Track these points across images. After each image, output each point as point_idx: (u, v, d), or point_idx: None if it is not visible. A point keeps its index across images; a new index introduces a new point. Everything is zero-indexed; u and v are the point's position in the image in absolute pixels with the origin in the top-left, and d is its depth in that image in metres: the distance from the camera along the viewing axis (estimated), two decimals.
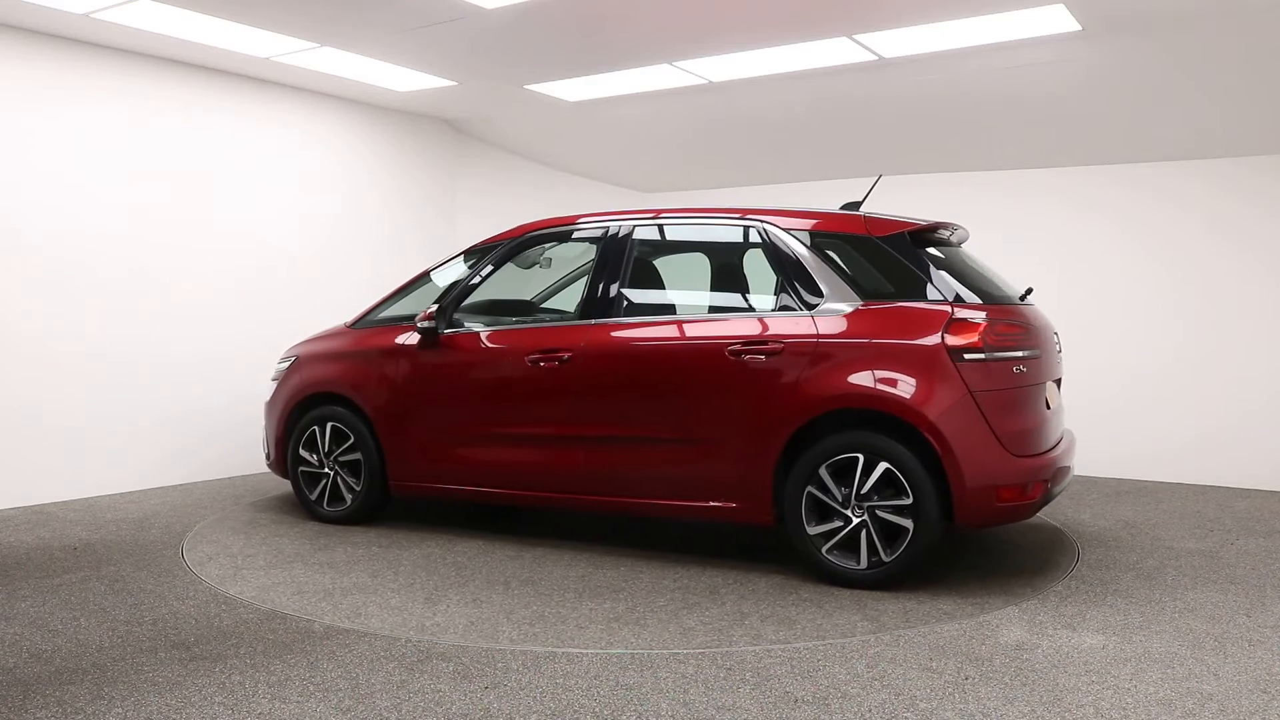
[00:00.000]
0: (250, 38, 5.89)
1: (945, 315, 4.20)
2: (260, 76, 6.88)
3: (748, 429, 4.42)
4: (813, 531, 4.30)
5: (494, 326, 5.21)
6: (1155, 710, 2.99)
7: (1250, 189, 6.61)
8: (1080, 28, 5.18)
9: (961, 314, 4.21)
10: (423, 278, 5.64)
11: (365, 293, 7.26)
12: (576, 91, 6.92)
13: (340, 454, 5.52)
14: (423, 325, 5.23)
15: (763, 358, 4.41)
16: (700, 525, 5.35)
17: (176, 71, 6.50)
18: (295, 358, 5.80)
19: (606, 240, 5.02)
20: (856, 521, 4.23)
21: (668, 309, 4.97)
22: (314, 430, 5.58)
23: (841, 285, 4.43)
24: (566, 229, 5.25)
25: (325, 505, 5.59)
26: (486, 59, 6.23)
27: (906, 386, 4.14)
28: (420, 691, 3.13)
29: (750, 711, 2.99)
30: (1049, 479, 4.28)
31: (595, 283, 4.95)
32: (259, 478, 6.89)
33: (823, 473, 4.26)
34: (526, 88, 6.86)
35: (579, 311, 4.98)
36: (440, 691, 3.13)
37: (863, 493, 4.21)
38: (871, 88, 6.38)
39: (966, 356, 4.12)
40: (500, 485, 5.08)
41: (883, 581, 4.22)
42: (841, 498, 4.25)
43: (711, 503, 4.54)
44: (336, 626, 3.75)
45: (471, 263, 5.41)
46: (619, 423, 4.74)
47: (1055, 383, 4.79)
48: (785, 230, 4.63)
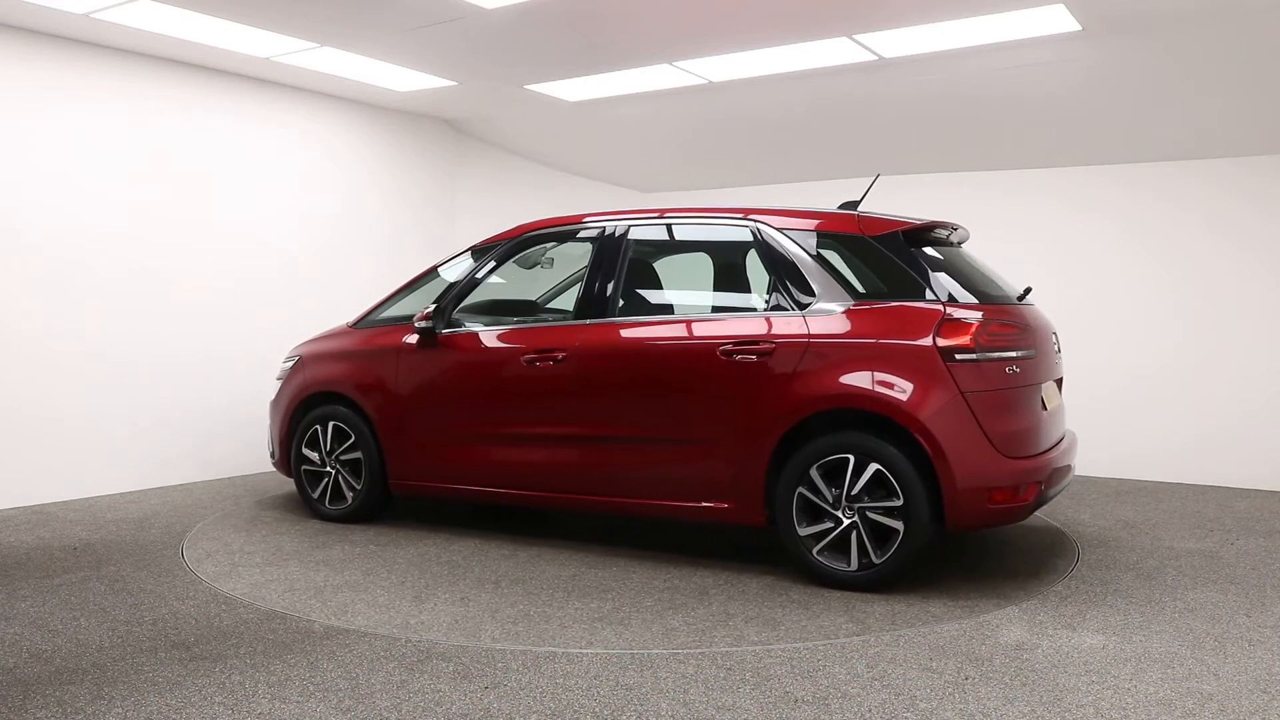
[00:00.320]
0: (250, 38, 5.89)
1: (937, 315, 4.17)
2: (260, 76, 6.88)
3: (739, 429, 4.40)
4: (803, 532, 4.28)
5: (491, 326, 5.21)
6: (1155, 710, 2.99)
7: (1250, 189, 6.61)
8: (1080, 28, 5.18)
9: (954, 314, 4.17)
10: (426, 275, 5.65)
11: (365, 293, 7.27)
12: (576, 91, 6.92)
13: (341, 453, 5.55)
14: (420, 325, 5.25)
15: (754, 358, 4.39)
16: (697, 526, 5.35)
17: (176, 71, 6.50)
18: (299, 357, 5.84)
19: (602, 240, 5.01)
20: (847, 523, 4.21)
21: (662, 309, 4.97)
22: (316, 429, 5.62)
23: (834, 285, 4.40)
24: (563, 229, 5.24)
25: (327, 504, 5.62)
26: (486, 59, 6.23)
27: (897, 387, 4.11)
28: (420, 691, 3.13)
29: (750, 711, 2.99)
30: (1043, 481, 4.22)
31: (590, 283, 4.95)
32: (259, 478, 6.89)
33: (813, 473, 4.24)
34: (526, 88, 6.86)
35: (575, 311, 4.98)
36: (440, 691, 3.13)
37: (853, 494, 4.18)
38: (871, 88, 6.38)
39: (958, 357, 4.09)
40: (496, 485, 5.09)
41: (873, 583, 4.19)
42: (832, 499, 4.22)
43: (704, 503, 4.53)
44: (336, 626, 3.75)
45: (478, 260, 5.43)
46: (613, 423, 4.73)
47: (1056, 383, 4.79)
48: (778, 230, 4.61)
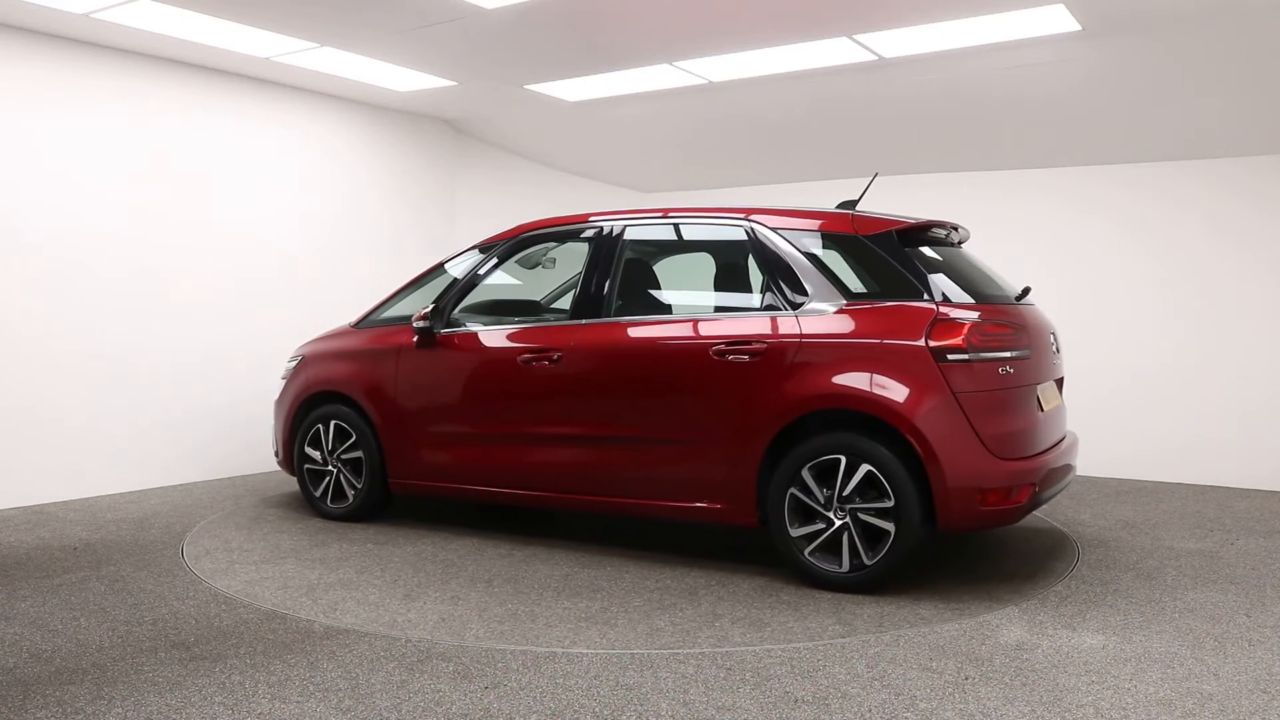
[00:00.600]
0: (250, 38, 5.89)
1: (929, 315, 4.13)
2: (260, 76, 6.88)
3: (732, 430, 4.39)
4: (795, 533, 4.26)
5: (489, 326, 5.22)
6: (1155, 710, 2.99)
7: (1250, 189, 6.61)
8: (1080, 28, 5.18)
9: (946, 314, 4.12)
10: (432, 272, 5.63)
11: (365, 292, 7.26)
12: (576, 91, 6.92)
13: (343, 452, 5.57)
14: (418, 325, 5.28)
15: (746, 358, 4.37)
16: (694, 526, 5.34)
17: (176, 71, 6.50)
18: (302, 357, 5.88)
19: (598, 240, 5.01)
20: (839, 524, 4.18)
21: (656, 308, 4.97)
22: (318, 428, 5.65)
23: (826, 285, 4.36)
24: (560, 229, 5.24)
25: (329, 502, 5.65)
26: (486, 59, 6.23)
27: (888, 387, 4.08)
28: (420, 691, 3.13)
29: (750, 711, 2.99)
30: (1037, 483, 4.16)
31: (586, 283, 4.94)
32: (259, 477, 6.89)
33: (805, 474, 4.22)
34: (526, 88, 6.86)
35: (571, 311, 4.98)
36: (440, 691, 3.13)
37: (844, 495, 4.16)
38: (871, 88, 6.38)
39: (950, 357, 4.04)
40: (493, 485, 5.09)
41: (864, 585, 4.16)
42: (824, 499, 4.20)
43: (697, 503, 4.51)
44: (336, 626, 3.75)
45: (484, 257, 5.43)
46: (607, 422, 4.73)
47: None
48: (772, 229, 4.58)
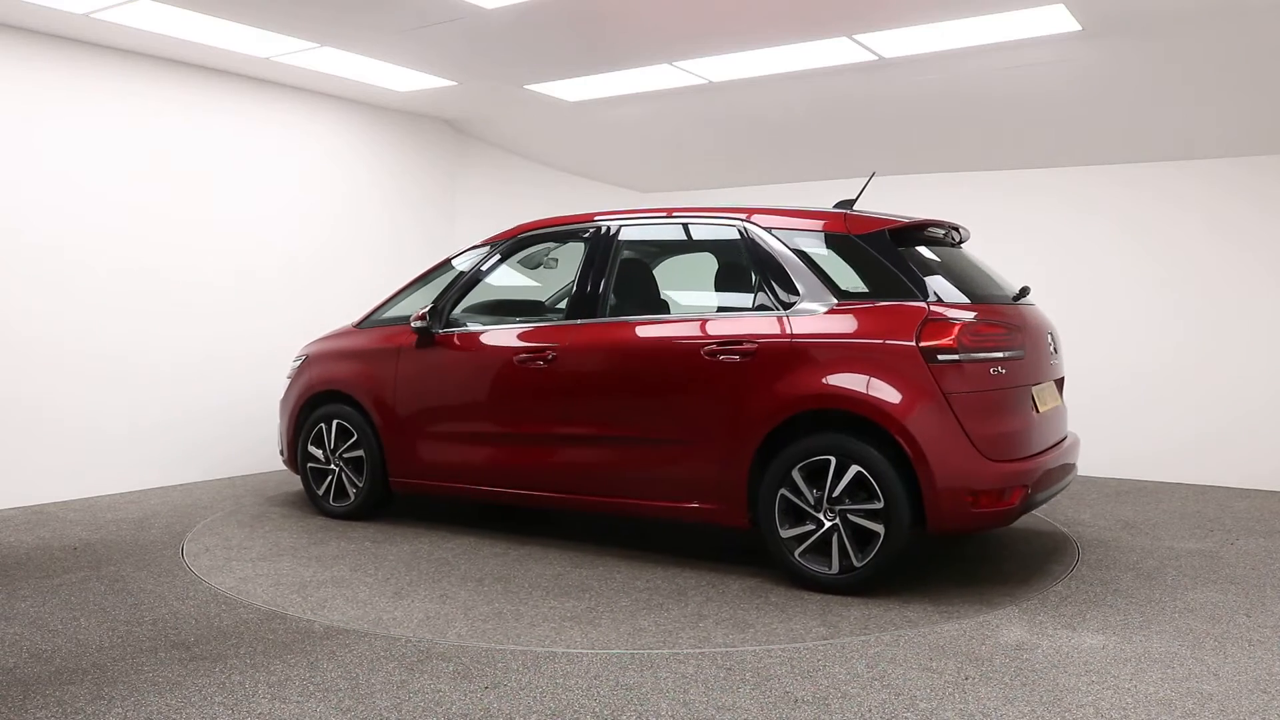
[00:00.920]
0: (250, 38, 5.89)
1: (920, 316, 4.09)
2: (260, 76, 6.88)
3: (723, 430, 4.37)
4: (785, 534, 4.24)
5: (486, 326, 5.23)
6: (1155, 710, 2.99)
7: (1250, 189, 6.61)
8: (1080, 28, 5.18)
9: (937, 314, 4.09)
10: (440, 268, 5.62)
11: (365, 292, 7.27)
12: (576, 91, 6.92)
13: (344, 451, 5.61)
14: (416, 325, 5.30)
15: (737, 358, 4.36)
16: (692, 527, 5.33)
17: (176, 71, 6.50)
18: (306, 356, 5.93)
19: (593, 240, 5.01)
20: (828, 525, 4.15)
21: (650, 308, 4.96)
22: (321, 427, 5.69)
23: (817, 284, 4.33)
24: (558, 229, 5.25)
25: (331, 501, 5.69)
26: (486, 59, 6.23)
27: (877, 388, 4.05)
28: (420, 691, 3.13)
29: (750, 711, 2.99)
30: (1030, 485, 4.12)
31: (582, 282, 4.95)
32: (259, 477, 6.89)
33: (795, 475, 4.20)
34: (526, 88, 6.86)
35: (566, 311, 4.98)
36: (440, 691, 3.13)
37: (834, 496, 4.13)
38: (871, 88, 6.37)
39: (940, 357, 4.00)
40: (489, 484, 5.11)
41: (854, 586, 4.13)
42: (814, 500, 4.17)
43: (690, 504, 4.50)
44: (336, 626, 3.75)
45: (482, 257, 5.43)
46: (601, 422, 4.73)
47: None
48: (765, 229, 4.55)
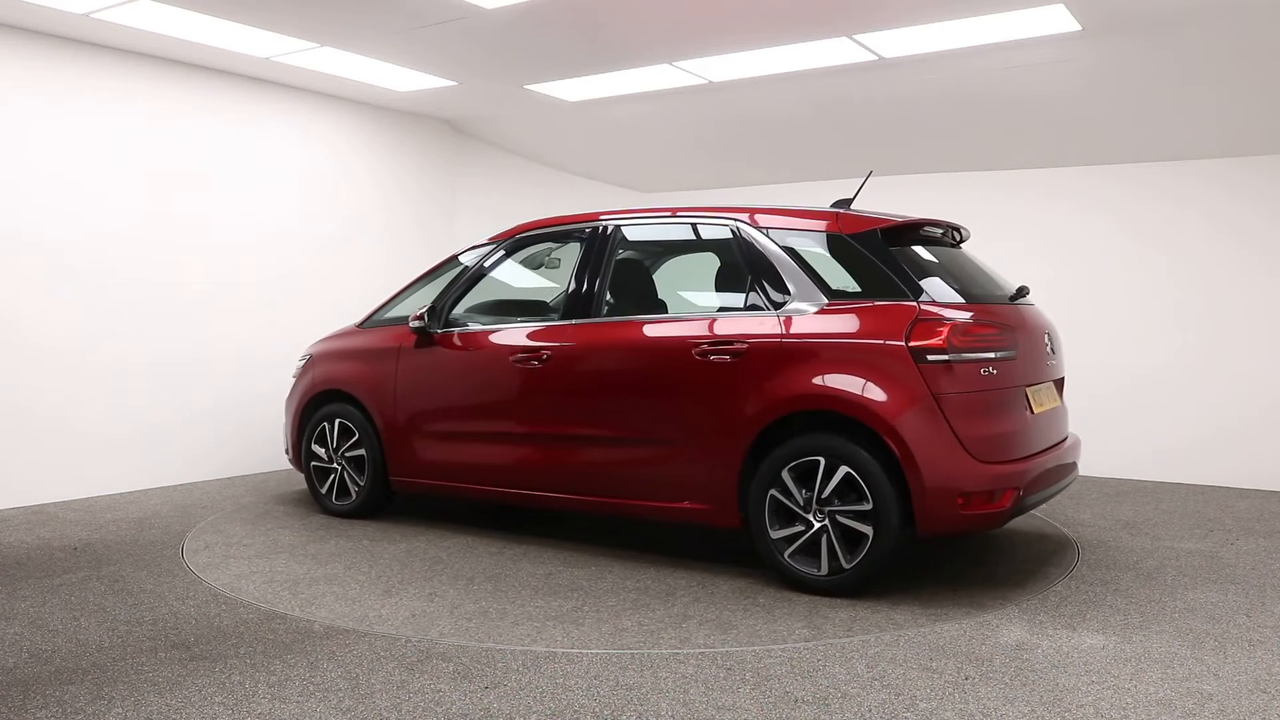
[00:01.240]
0: (250, 38, 5.89)
1: (910, 316, 4.05)
2: (260, 76, 6.88)
3: (715, 430, 4.36)
4: (775, 535, 4.22)
5: (483, 326, 5.24)
6: (1155, 710, 2.99)
7: (1250, 189, 6.61)
8: (1080, 28, 5.18)
9: (928, 314, 4.05)
10: (442, 267, 5.61)
11: (364, 293, 7.27)
12: (576, 91, 6.92)
13: (347, 450, 5.64)
14: (414, 325, 5.33)
15: (728, 358, 4.34)
16: (688, 527, 5.31)
17: (176, 71, 6.50)
18: (310, 356, 5.97)
19: (588, 240, 5.01)
20: (818, 526, 4.12)
21: (643, 308, 4.96)
22: (324, 426, 5.73)
23: (808, 284, 4.31)
24: (554, 229, 5.25)
25: (334, 499, 5.73)
26: (486, 59, 6.23)
27: (866, 388, 4.02)
28: (420, 691, 3.13)
29: (750, 711, 2.99)
30: (1022, 487, 4.06)
31: (576, 282, 4.95)
32: (260, 477, 6.89)
33: (785, 476, 4.18)
34: (526, 88, 6.86)
35: (562, 311, 4.98)
36: (440, 691, 3.13)
37: (823, 497, 4.10)
38: (871, 88, 6.37)
39: (930, 358, 3.97)
40: (486, 483, 5.12)
41: (843, 588, 4.10)
42: (803, 501, 4.15)
43: (682, 504, 4.50)
44: (336, 626, 3.75)
45: (480, 258, 5.43)
46: (596, 422, 4.73)
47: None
48: (757, 229, 4.54)
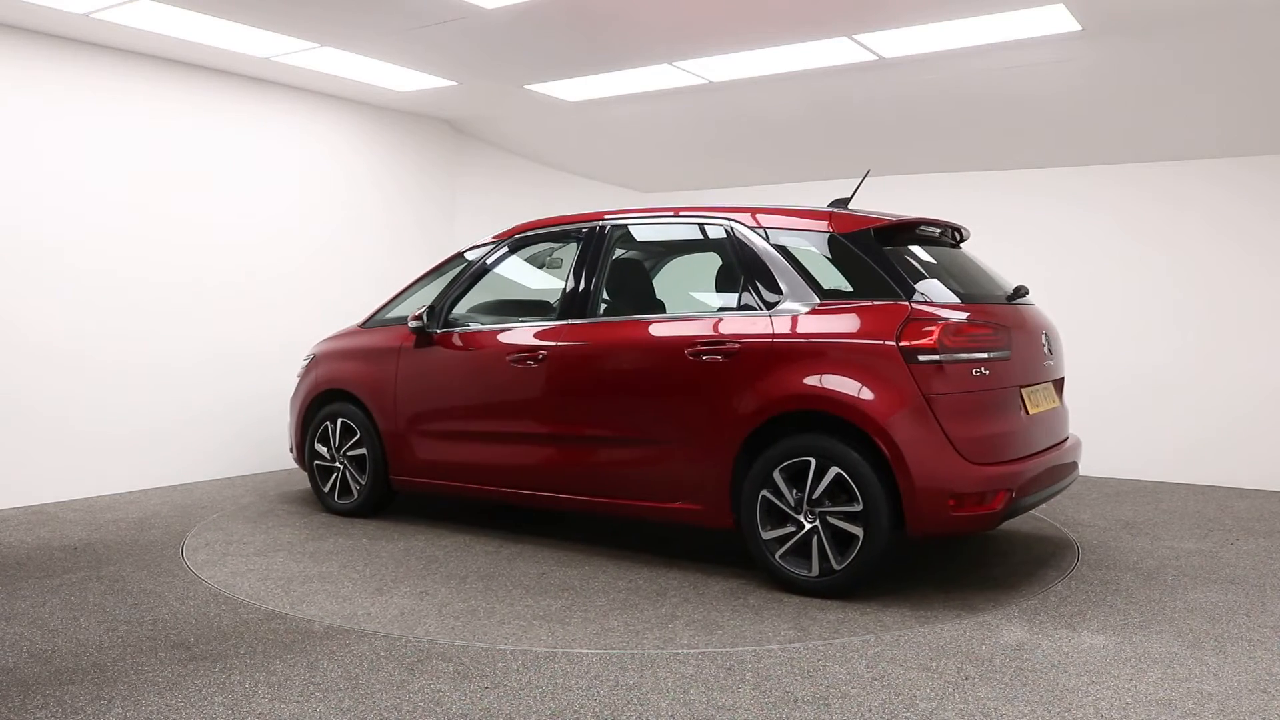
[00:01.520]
0: (250, 38, 5.89)
1: (901, 315, 4.02)
2: (260, 76, 6.87)
3: (707, 430, 4.35)
4: (767, 536, 4.20)
5: (481, 326, 5.25)
6: (1155, 710, 2.99)
7: (1250, 189, 6.61)
8: (1080, 28, 5.18)
9: (919, 314, 4.01)
10: (450, 262, 5.61)
11: (364, 293, 7.27)
12: (576, 91, 6.92)
13: (348, 449, 5.67)
14: (412, 325, 5.35)
15: (720, 358, 4.33)
16: (684, 527, 5.30)
17: (176, 71, 6.50)
18: (313, 356, 6.00)
19: (584, 240, 5.01)
20: (809, 527, 4.10)
21: (637, 308, 4.95)
22: (327, 425, 5.76)
23: (800, 284, 4.29)
24: (551, 229, 5.26)
25: (336, 498, 5.77)
26: (486, 59, 6.23)
27: (856, 388, 3.99)
28: (420, 691, 3.13)
29: (750, 711, 2.99)
30: (1014, 488, 4.02)
31: (573, 282, 4.95)
32: (260, 477, 6.89)
33: (776, 476, 4.16)
34: (526, 88, 6.86)
35: (558, 311, 4.98)
36: (440, 691, 3.13)
37: (814, 498, 4.08)
38: (871, 88, 6.37)
39: (921, 358, 3.93)
40: (482, 483, 5.14)
41: (834, 589, 4.08)
42: (794, 502, 4.13)
43: (675, 504, 4.49)
44: (336, 626, 3.75)
45: (479, 258, 5.44)
46: (590, 422, 4.74)
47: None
48: (750, 228, 4.53)
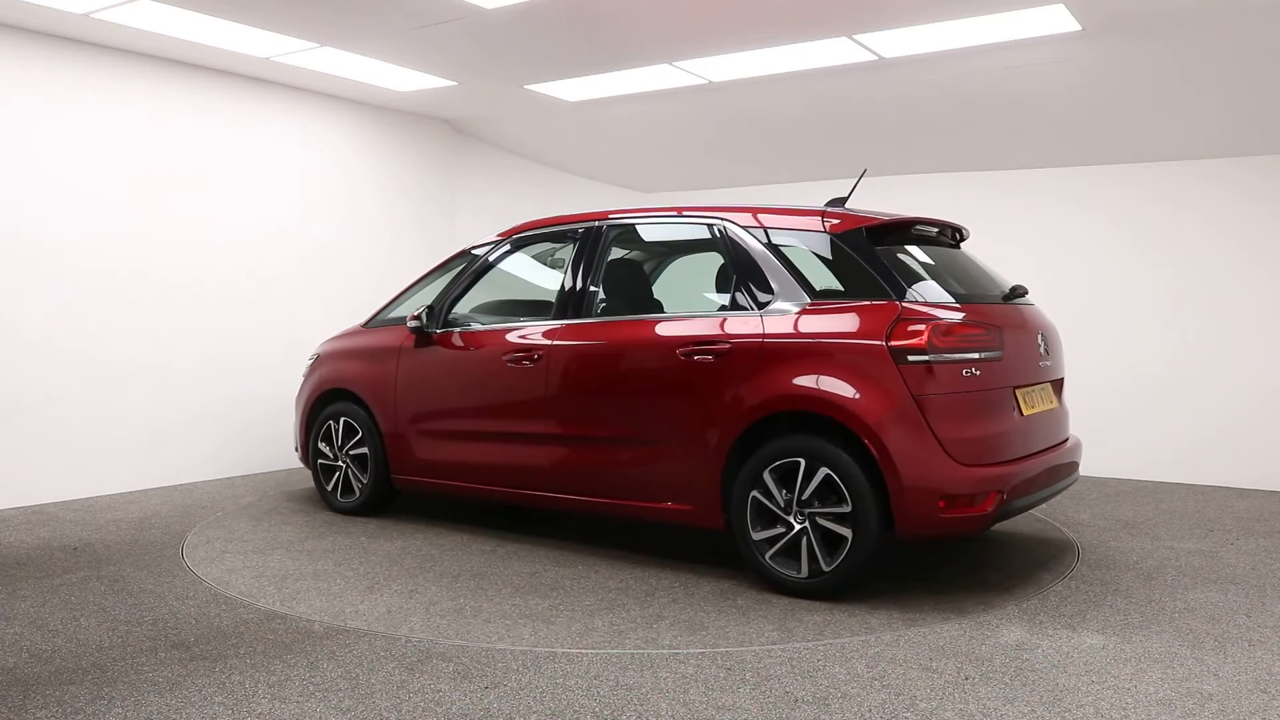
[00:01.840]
0: (250, 38, 5.89)
1: (890, 315, 4.00)
2: (260, 76, 6.87)
3: (698, 431, 4.35)
4: (757, 537, 4.19)
5: (479, 327, 5.26)
6: (1155, 710, 2.99)
7: (1250, 189, 6.61)
8: (1080, 28, 5.18)
9: (909, 314, 3.99)
10: (455, 259, 5.61)
11: (364, 292, 7.27)
12: (576, 91, 6.92)
13: (351, 448, 5.69)
14: (412, 325, 5.38)
15: (711, 358, 4.33)
16: (680, 527, 5.29)
17: (176, 71, 6.50)
18: (317, 355, 6.05)
19: (579, 240, 5.02)
20: (798, 528, 4.08)
21: (631, 308, 4.96)
22: (330, 425, 5.80)
23: (791, 284, 4.27)
24: (548, 230, 5.26)
25: (339, 497, 5.80)
26: (486, 59, 6.23)
27: (845, 389, 3.97)
28: (420, 691, 3.13)
29: (750, 711, 2.99)
30: (1006, 490, 3.98)
31: (570, 282, 4.96)
32: (260, 477, 6.89)
33: (766, 477, 4.15)
34: (526, 88, 6.86)
35: (554, 311, 4.99)
36: (440, 691, 3.13)
37: (803, 499, 4.06)
38: (871, 88, 6.38)
39: (911, 358, 3.91)
40: (479, 482, 5.15)
41: (823, 591, 4.06)
42: (784, 503, 4.11)
43: (667, 504, 4.49)
44: (336, 626, 3.75)
45: (477, 258, 5.44)
46: (584, 422, 4.75)
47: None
48: (743, 228, 4.52)
